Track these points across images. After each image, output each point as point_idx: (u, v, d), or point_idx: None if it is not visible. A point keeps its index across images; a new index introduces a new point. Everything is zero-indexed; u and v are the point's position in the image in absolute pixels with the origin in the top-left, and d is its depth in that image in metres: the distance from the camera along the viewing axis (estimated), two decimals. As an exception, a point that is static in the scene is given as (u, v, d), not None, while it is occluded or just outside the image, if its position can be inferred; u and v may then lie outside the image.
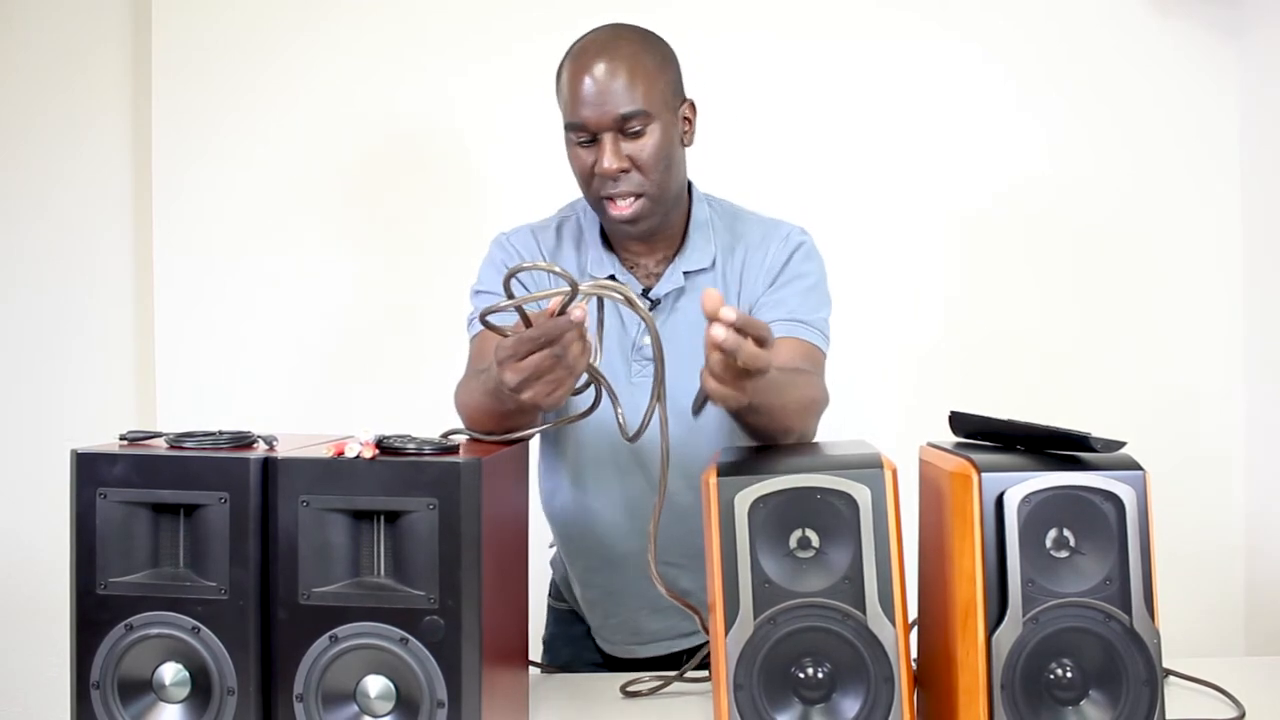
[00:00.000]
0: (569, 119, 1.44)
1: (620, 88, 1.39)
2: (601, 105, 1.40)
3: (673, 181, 1.47)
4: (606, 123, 1.40)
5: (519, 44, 2.27)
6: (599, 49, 1.43)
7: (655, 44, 1.47)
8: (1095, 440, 1.12)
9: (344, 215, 2.30)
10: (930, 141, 2.25)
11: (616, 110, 1.39)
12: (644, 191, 1.43)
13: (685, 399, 1.33)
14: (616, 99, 1.39)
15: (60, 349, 2.38)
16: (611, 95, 1.39)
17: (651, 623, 1.59)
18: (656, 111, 1.42)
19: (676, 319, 1.49)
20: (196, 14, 2.29)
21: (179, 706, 1.13)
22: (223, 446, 1.16)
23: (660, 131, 1.42)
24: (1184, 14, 2.23)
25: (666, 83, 1.45)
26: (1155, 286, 2.25)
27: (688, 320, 1.47)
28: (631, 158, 1.41)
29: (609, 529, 1.54)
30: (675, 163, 1.47)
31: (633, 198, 1.43)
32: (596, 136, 1.41)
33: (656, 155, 1.42)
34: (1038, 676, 1.11)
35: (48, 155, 2.37)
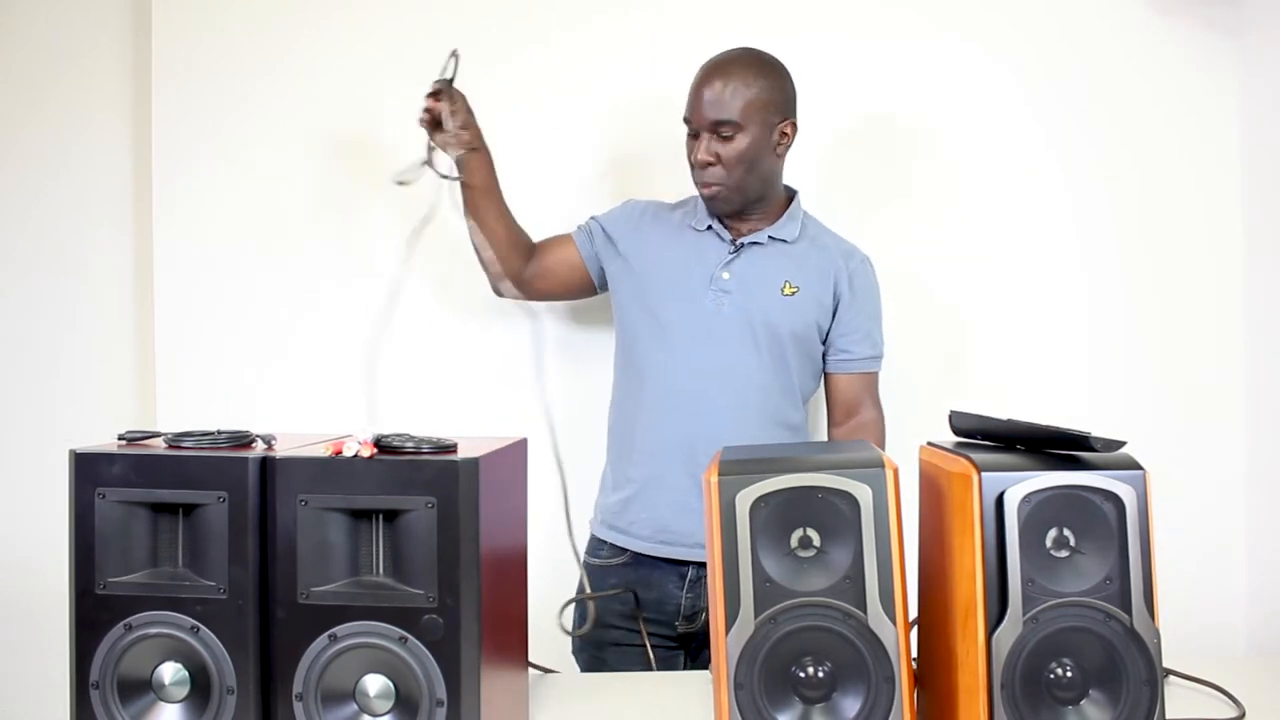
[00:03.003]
0: (685, 114, 1.82)
1: (720, 99, 1.77)
2: (703, 108, 1.78)
3: (753, 181, 1.82)
4: (703, 123, 1.79)
5: (522, 47, 2.27)
6: (718, 64, 1.80)
7: (769, 73, 1.81)
8: (1095, 440, 1.12)
9: (344, 215, 2.30)
10: (929, 141, 2.25)
11: (711, 116, 1.77)
12: (723, 183, 1.80)
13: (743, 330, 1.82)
14: (713, 107, 1.77)
15: (59, 349, 2.38)
16: (711, 103, 1.77)
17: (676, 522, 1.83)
18: (747, 124, 1.77)
19: (753, 261, 1.87)
20: (196, 14, 2.29)
21: (178, 706, 1.13)
22: (221, 446, 1.16)
23: (748, 140, 1.78)
24: (1184, 14, 2.23)
25: (765, 103, 1.79)
26: (1155, 286, 2.25)
27: (763, 266, 1.86)
28: (718, 155, 1.78)
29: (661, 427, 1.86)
30: (760, 167, 1.82)
31: (715, 186, 1.81)
32: (698, 133, 1.80)
33: (738, 158, 1.78)
34: (1038, 676, 1.11)
35: (48, 155, 2.37)
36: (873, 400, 1.96)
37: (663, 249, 1.90)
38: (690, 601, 1.86)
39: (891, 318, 2.26)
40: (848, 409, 1.94)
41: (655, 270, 1.89)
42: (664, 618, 1.86)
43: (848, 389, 1.93)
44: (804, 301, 1.86)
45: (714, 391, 1.83)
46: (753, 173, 1.81)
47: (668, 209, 1.97)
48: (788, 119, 1.84)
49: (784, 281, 1.86)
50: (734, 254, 1.86)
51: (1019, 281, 2.26)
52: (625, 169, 2.26)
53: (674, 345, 1.85)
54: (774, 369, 1.85)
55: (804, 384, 1.91)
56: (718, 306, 1.84)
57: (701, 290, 1.85)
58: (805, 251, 1.89)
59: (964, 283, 2.25)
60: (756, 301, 1.84)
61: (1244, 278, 2.23)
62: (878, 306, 1.96)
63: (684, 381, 1.84)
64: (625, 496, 1.89)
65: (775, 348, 1.84)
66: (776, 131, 1.82)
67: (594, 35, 2.27)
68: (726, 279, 1.85)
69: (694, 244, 1.89)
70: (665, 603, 1.86)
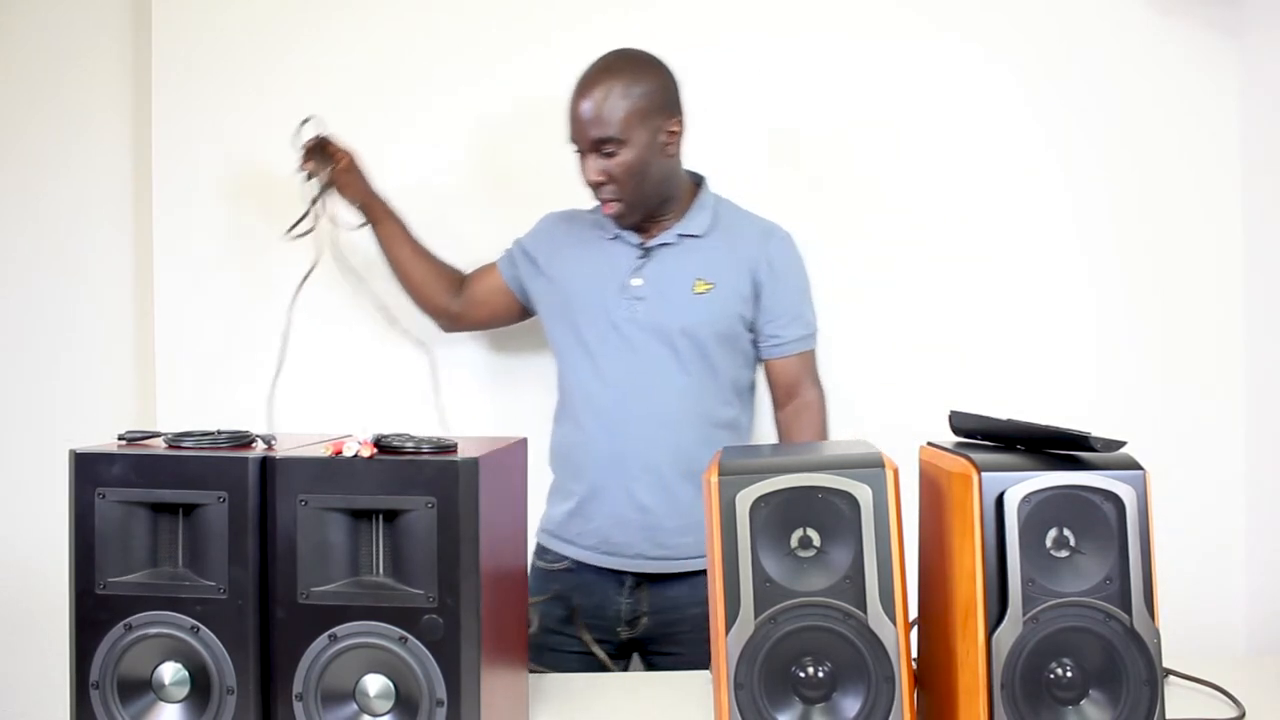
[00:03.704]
0: (569, 137, 1.78)
1: (595, 117, 1.73)
2: (581, 130, 1.75)
3: (650, 189, 1.79)
4: (586, 144, 1.76)
5: (522, 46, 2.27)
6: (588, 82, 1.76)
7: (640, 74, 1.77)
8: (1095, 440, 1.12)
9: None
10: (929, 141, 2.25)
11: (590, 136, 1.74)
12: (620, 198, 1.78)
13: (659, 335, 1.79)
14: (592, 126, 1.74)
15: (59, 349, 2.38)
16: (588, 123, 1.74)
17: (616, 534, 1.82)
18: (628, 136, 1.74)
19: (663, 264, 1.83)
20: (196, 14, 2.29)
21: (178, 706, 1.13)
22: (221, 446, 1.16)
23: (630, 152, 1.74)
24: (1184, 14, 2.23)
25: (641, 109, 1.75)
26: (1155, 286, 2.25)
27: (672, 266, 1.83)
28: (607, 172, 1.75)
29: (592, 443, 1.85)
30: (652, 173, 1.78)
31: (614, 201, 1.78)
32: (583, 153, 1.77)
33: (627, 171, 1.75)
34: (1038, 676, 1.11)
35: (47, 155, 2.37)
36: (812, 379, 1.91)
37: (578, 262, 1.88)
38: (630, 607, 1.84)
39: (892, 317, 2.26)
40: (788, 391, 1.90)
41: (571, 284, 1.87)
42: (605, 623, 1.85)
43: (785, 372, 1.89)
44: (719, 297, 1.81)
45: (637, 404, 1.80)
46: (647, 181, 1.78)
47: (582, 217, 1.94)
48: (671, 116, 1.80)
49: (695, 280, 1.81)
50: (643, 258, 1.83)
51: (1019, 281, 2.26)
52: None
53: (595, 360, 1.83)
54: (698, 370, 1.81)
55: (736, 377, 1.87)
56: (632, 315, 1.81)
57: (615, 300, 1.82)
58: (718, 243, 1.84)
59: (964, 282, 2.25)
60: (670, 305, 1.80)
61: (1244, 278, 2.23)
62: (803, 283, 1.91)
63: (608, 396, 1.82)
64: (567, 509, 1.88)
65: (695, 349, 1.81)
66: (662, 134, 1.78)
67: (594, 35, 2.27)
68: (638, 285, 1.81)
69: (605, 252, 1.86)
70: (606, 608, 1.84)
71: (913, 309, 2.25)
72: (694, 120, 2.27)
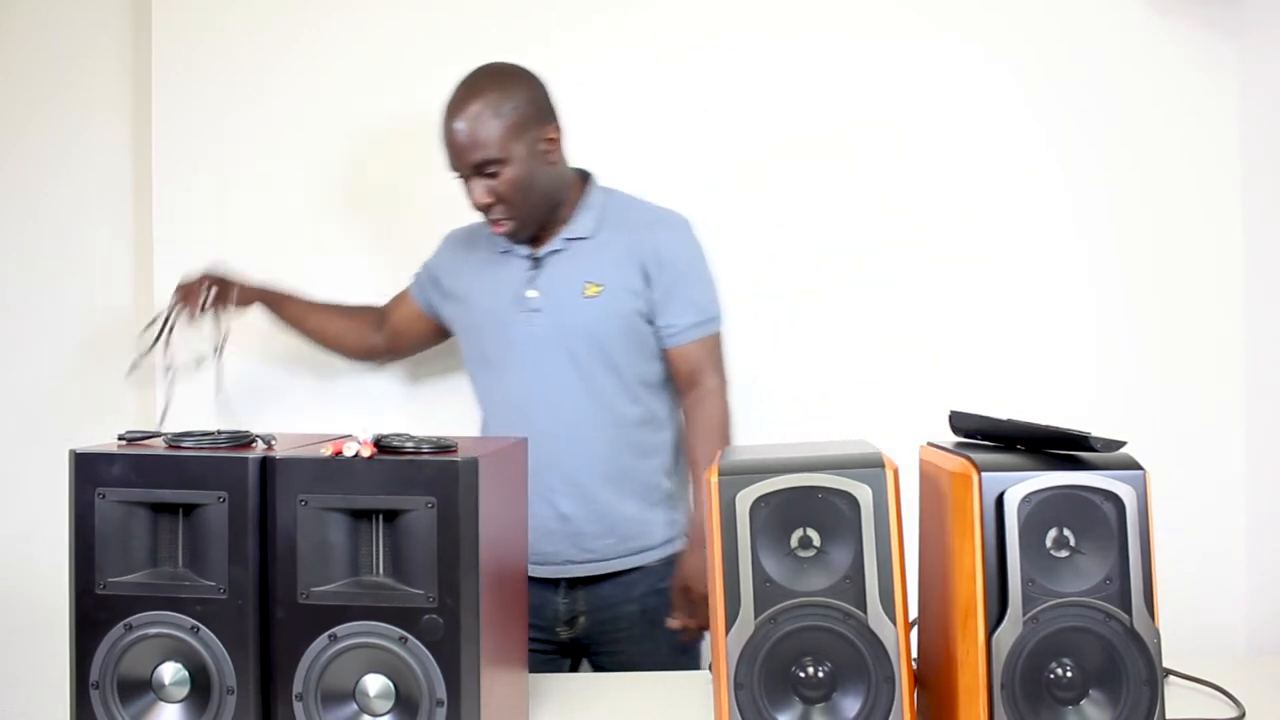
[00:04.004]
0: (448, 162, 1.77)
1: (471, 141, 1.72)
2: (460, 156, 1.74)
3: (538, 200, 1.79)
4: (467, 169, 1.74)
5: (522, 45, 2.26)
6: (457, 105, 1.74)
7: (509, 88, 1.75)
8: (1095, 440, 1.12)
9: (344, 215, 2.29)
10: (929, 141, 2.25)
11: (471, 160, 1.73)
12: (510, 216, 1.77)
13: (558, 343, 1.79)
14: (470, 150, 1.72)
15: (59, 349, 2.38)
16: (466, 147, 1.72)
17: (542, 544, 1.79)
18: (507, 153, 1.72)
19: (555, 272, 1.82)
20: (196, 14, 2.29)
21: (178, 706, 1.13)
22: (221, 446, 1.16)
23: (513, 169, 1.73)
24: (1184, 14, 2.23)
25: (515, 124, 1.73)
26: (1155, 286, 2.25)
27: (564, 272, 1.82)
28: (494, 192, 1.74)
29: None
30: (537, 186, 1.77)
31: (504, 221, 1.77)
32: (466, 178, 1.76)
33: (513, 187, 1.74)
34: (1038, 676, 1.11)
35: (47, 155, 2.37)
36: (713, 367, 1.87)
37: (476, 280, 1.89)
38: (568, 607, 1.85)
39: (892, 317, 2.26)
40: (689, 380, 1.86)
41: (472, 303, 1.88)
42: (545, 623, 1.84)
43: (683, 361, 1.85)
44: (611, 297, 1.80)
45: (546, 417, 1.79)
46: (533, 194, 1.77)
47: (480, 233, 1.91)
48: (546, 124, 1.78)
49: (585, 284, 1.81)
50: (535, 269, 1.83)
51: (1019, 281, 2.26)
52: (625, 167, 2.25)
53: (501, 377, 1.85)
54: (603, 374, 1.81)
55: (643, 373, 1.85)
56: (530, 327, 1.81)
57: (513, 314, 1.82)
58: (606, 242, 1.83)
59: (964, 282, 2.25)
60: (564, 312, 1.80)
61: (1244, 278, 2.23)
62: (697, 267, 1.87)
63: (518, 413, 1.82)
64: None
65: (596, 352, 1.80)
66: (540, 143, 1.77)
67: (594, 36, 2.27)
68: (532, 297, 1.82)
69: (500, 267, 1.86)
70: (544, 609, 1.84)
71: (913, 309, 2.25)
72: (694, 120, 2.27)
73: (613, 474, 1.80)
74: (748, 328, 2.26)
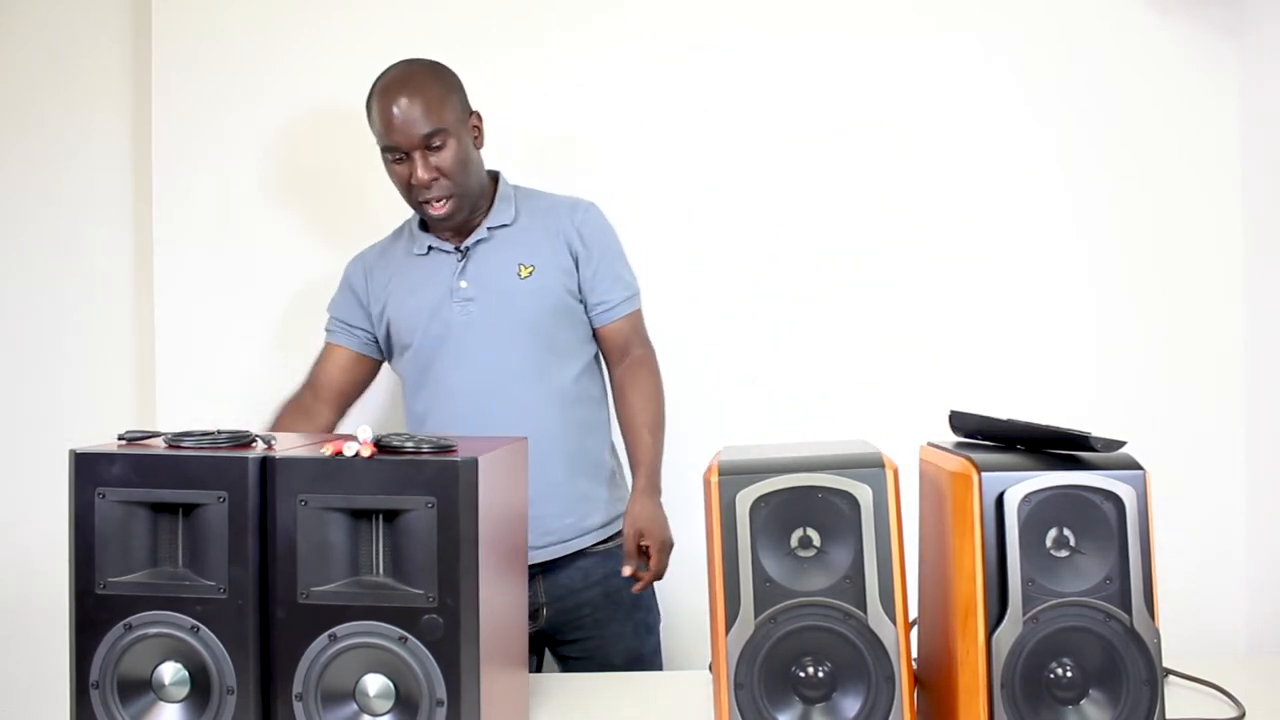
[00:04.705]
0: (383, 143, 1.77)
1: (419, 114, 1.74)
2: (408, 129, 1.74)
3: (474, 179, 1.82)
4: (414, 142, 1.74)
5: (522, 45, 2.27)
6: (399, 84, 1.76)
7: (442, 73, 1.81)
8: (1095, 440, 1.12)
9: (345, 214, 2.30)
10: (929, 141, 2.25)
11: (419, 132, 1.74)
12: (453, 193, 1.78)
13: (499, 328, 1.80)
14: (418, 123, 1.74)
15: (60, 349, 2.38)
16: (413, 121, 1.74)
17: None
18: (451, 128, 1.76)
19: (484, 260, 1.84)
20: (196, 14, 2.29)
21: (178, 706, 1.13)
22: (221, 446, 1.16)
23: (456, 143, 1.77)
24: (1184, 14, 2.23)
25: (454, 104, 1.79)
26: (1155, 286, 2.25)
27: (493, 259, 1.84)
28: (438, 167, 1.76)
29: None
30: (473, 164, 1.82)
31: (445, 199, 1.78)
32: (408, 154, 1.75)
33: (456, 162, 1.77)
34: (1038, 676, 1.11)
35: (48, 154, 2.37)
36: (640, 339, 1.92)
37: (402, 287, 1.87)
38: (530, 599, 1.79)
39: (893, 316, 2.26)
40: (622, 351, 1.90)
41: (401, 310, 1.86)
42: None
43: (617, 335, 1.89)
44: (544, 275, 1.83)
45: (494, 401, 1.80)
46: (469, 172, 1.80)
47: (387, 249, 1.93)
48: (472, 111, 1.84)
49: (518, 265, 1.83)
50: (463, 260, 1.84)
51: (1019, 281, 2.26)
52: (625, 167, 2.26)
53: (441, 372, 1.83)
54: (543, 352, 1.83)
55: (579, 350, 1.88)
56: (466, 317, 1.81)
57: (446, 308, 1.82)
58: (529, 226, 1.87)
59: (964, 282, 2.25)
60: (500, 296, 1.82)
61: (1244, 278, 2.23)
62: (616, 246, 1.91)
63: (465, 404, 1.81)
64: None
65: (534, 332, 1.82)
66: (470, 127, 1.82)
67: (594, 35, 2.27)
68: (465, 287, 1.82)
69: (423, 268, 1.86)
70: None
71: (913, 309, 2.25)
72: (694, 120, 2.27)
73: (565, 452, 1.82)
74: (748, 328, 2.26)
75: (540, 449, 1.77)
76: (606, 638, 1.85)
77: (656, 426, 1.84)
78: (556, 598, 1.84)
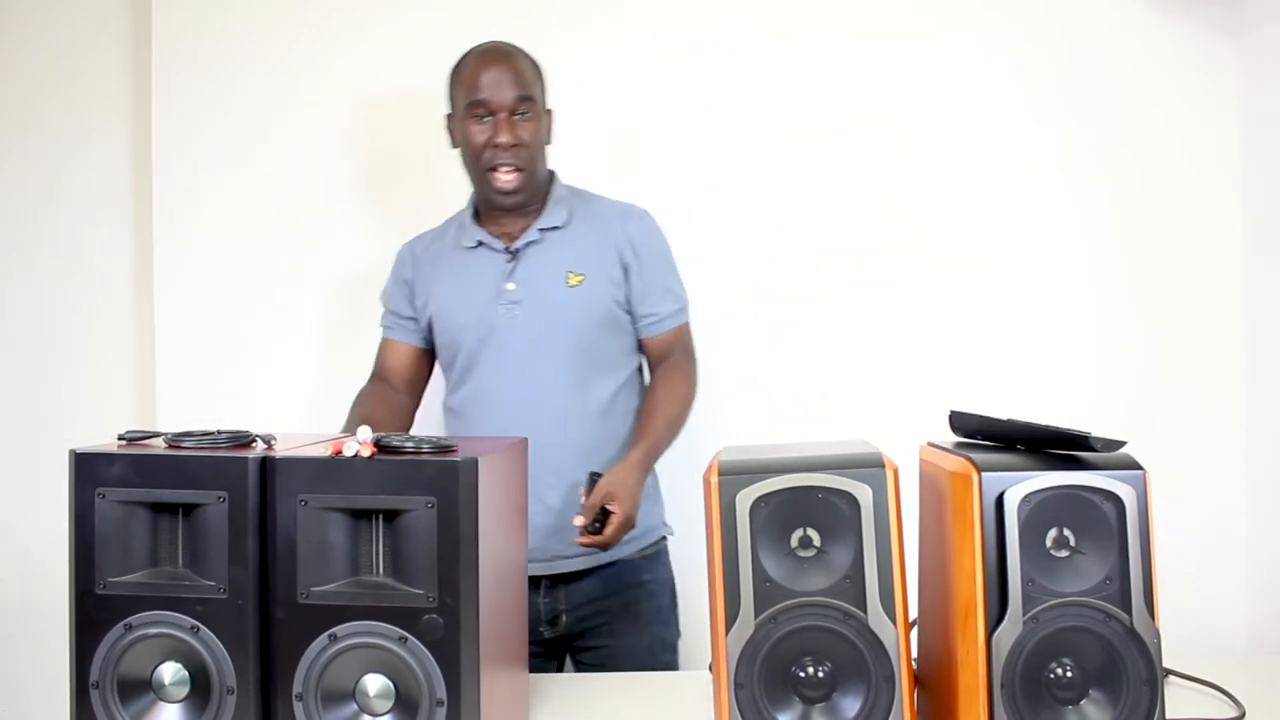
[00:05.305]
0: (471, 98, 1.76)
1: (516, 77, 1.76)
2: (501, 90, 1.75)
3: (541, 166, 1.83)
4: (506, 102, 1.75)
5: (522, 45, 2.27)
6: (499, 51, 1.80)
7: (535, 61, 1.83)
8: (1095, 440, 1.12)
9: (345, 214, 2.30)
10: (929, 141, 2.25)
11: (512, 95, 1.75)
12: (524, 167, 1.77)
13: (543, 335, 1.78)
14: (513, 86, 1.76)
15: (60, 349, 2.38)
16: (509, 83, 1.75)
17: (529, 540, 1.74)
18: (538, 105, 1.80)
19: (533, 263, 1.81)
20: (196, 14, 2.29)
21: (178, 706, 1.13)
22: (221, 446, 1.16)
23: (538, 122, 1.79)
24: (1184, 14, 2.23)
25: (541, 88, 1.83)
26: (1155, 286, 2.25)
27: (543, 263, 1.81)
28: (519, 136, 1.76)
29: None
30: (544, 151, 1.83)
31: (515, 171, 1.77)
32: (493, 115, 1.75)
33: (535, 139, 1.78)
34: (1038, 676, 1.11)
35: (48, 154, 2.37)
36: (684, 349, 1.89)
37: (447, 280, 1.84)
38: (549, 606, 1.81)
39: (893, 316, 2.26)
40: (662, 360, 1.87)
41: (446, 304, 1.83)
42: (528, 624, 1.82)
43: (662, 346, 1.86)
44: (594, 285, 1.80)
45: (533, 409, 1.76)
46: (540, 157, 1.81)
47: (437, 237, 1.90)
48: (549, 110, 1.84)
49: (567, 272, 1.80)
50: (511, 261, 1.81)
51: (1019, 281, 2.26)
52: (625, 167, 2.26)
53: (482, 373, 1.80)
54: (587, 363, 1.80)
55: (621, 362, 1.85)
56: (510, 319, 1.78)
57: (491, 308, 1.79)
58: (581, 232, 1.83)
59: (964, 282, 2.25)
60: (546, 302, 1.79)
61: (1244, 278, 2.23)
62: (668, 258, 1.89)
63: (503, 408, 1.78)
64: None
65: (580, 342, 1.79)
66: (548, 116, 1.83)
67: (594, 36, 2.27)
68: (512, 289, 1.79)
69: (472, 264, 1.83)
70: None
71: (913, 309, 2.25)
72: (694, 120, 2.27)
73: (601, 465, 1.79)
74: (748, 328, 2.26)
75: (575, 460, 1.76)
76: (626, 646, 1.83)
77: (673, 420, 1.80)
78: (576, 604, 1.83)
